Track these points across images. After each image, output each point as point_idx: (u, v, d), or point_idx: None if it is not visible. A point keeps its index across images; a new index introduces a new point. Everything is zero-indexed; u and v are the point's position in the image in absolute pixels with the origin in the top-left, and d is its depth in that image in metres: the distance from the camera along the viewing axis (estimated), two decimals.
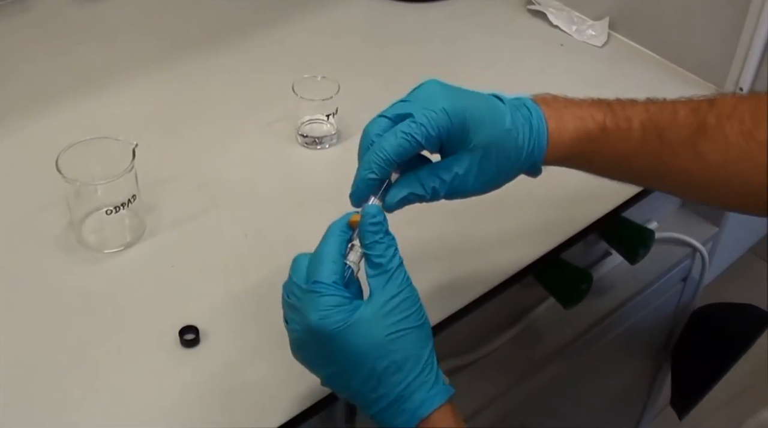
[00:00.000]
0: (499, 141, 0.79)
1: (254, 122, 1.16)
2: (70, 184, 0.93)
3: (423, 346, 0.73)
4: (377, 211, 0.75)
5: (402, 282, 0.74)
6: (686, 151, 0.83)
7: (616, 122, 0.84)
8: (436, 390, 0.73)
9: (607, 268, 1.28)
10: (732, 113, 0.83)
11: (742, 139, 0.82)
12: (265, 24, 1.35)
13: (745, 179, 0.83)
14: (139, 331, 0.90)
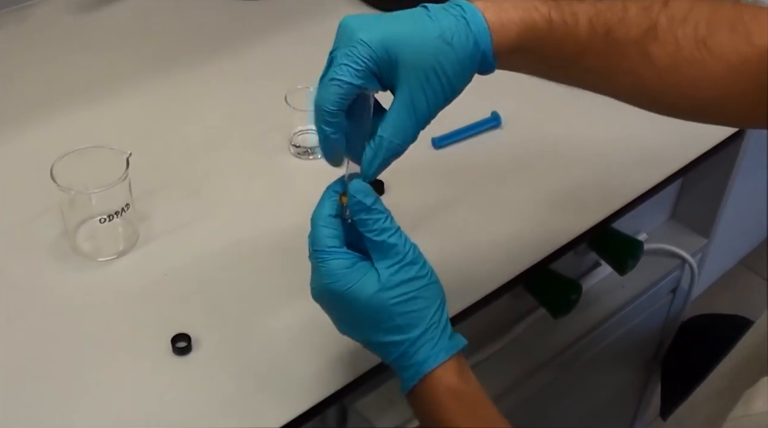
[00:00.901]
0: (435, 51, 0.73)
1: (247, 132, 1.16)
2: (64, 193, 0.94)
3: (428, 305, 0.75)
4: (359, 188, 0.74)
5: (400, 251, 0.74)
6: (635, 51, 0.78)
7: (563, 17, 0.77)
8: (441, 347, 0.75)
9: (596, 279, 1.29)
10: (687, 16, 0.78)
11: (695, 45, 0.77)
12: (257, 34, 1.36)
13: (695, 87, 0.79)
14: (131, 339, 0.90)
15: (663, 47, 0.77)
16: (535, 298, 1.13)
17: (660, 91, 0.80)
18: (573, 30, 0.77)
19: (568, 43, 0.77)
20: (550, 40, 0.77)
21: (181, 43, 1.34)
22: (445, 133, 1.16)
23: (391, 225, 0.75)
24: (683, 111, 0.84)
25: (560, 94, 1.25)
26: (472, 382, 0.77)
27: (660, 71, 0.78)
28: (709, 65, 0.78)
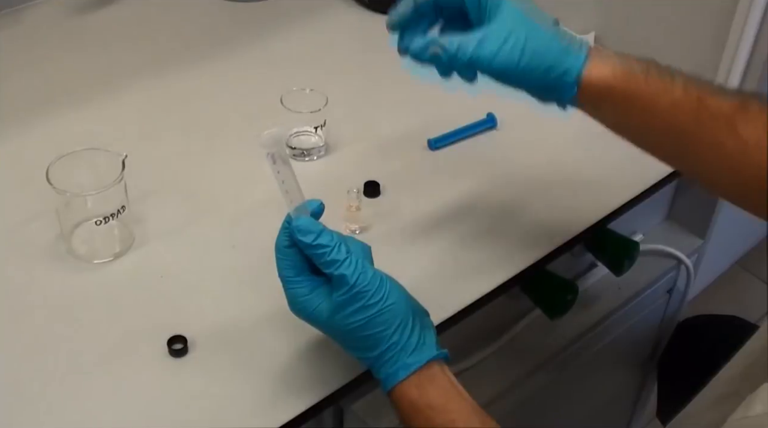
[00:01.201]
0: (533, 26, 0.81)
1: (242, 134, 1.16)
2: (60, 195, 0.94)
3: (384, 329, 0.79)
4: (299, 227, 0.80)
5: (348, 281, 0.78)
6: (723, 123, 0.79)
7: (659, 73, 0.81)
8: (399, 366, 0.79)
9: (592, 280, 1.29)
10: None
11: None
12: (253, 36, 1.36)
13: None
14: (127, 341, 0.90)
15: (753, 125, 0.79)
16: (532, 299, 1.13)
17: (742, 166, 0.80)
18: (668, 86, 0.80)
19: (662, 96, 0.80)
20: (645, 87, 0.81)
21: (177, 45, 1.34)
22: (441, 135, 1.16)
23: (338, 257, 0.79)
24: (756, 202, 0.82)
25: None
26: (431, 394, 0.80)
27: (746, 146, 0.79)
28: None
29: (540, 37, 0.81)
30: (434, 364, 0.81)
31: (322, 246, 0.79)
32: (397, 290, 0.81)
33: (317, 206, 0.83)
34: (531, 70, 0.81)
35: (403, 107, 1.22)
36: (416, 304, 0.84)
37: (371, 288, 0.79)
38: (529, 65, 0.81)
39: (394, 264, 0.94)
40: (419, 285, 0.95)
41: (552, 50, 0.81)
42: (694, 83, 0.81)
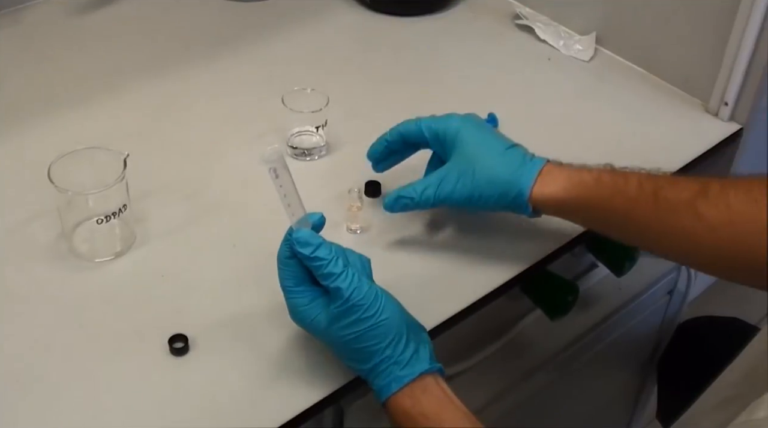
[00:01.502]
0: (482, 161, 0.93)
1: (244, 133, 1.16)
2: (61, 194, 0.94)
3: (377, 343, 0.81)
4: (299, 239, 0.82)
5: (343, 295, 0.80)
6: (685, 210, 0.85)
7: (613, 177, 0.90)
8: (392, 378, 0.81)
9: (593, 280, 1.28)
10: (738, 183, 0.84)
11: (748, 204, 0.83)
12: (254, 36, 1.36)
13: (751, 243, 0.82)
14: (128, 340, 0.90)
15: (715, 207, 0.84)
16: (532, 300, 1.13)
17: (714, 246, 0.85)
18: (622, 187, 0.89)
19: (616, 197, 0.89)
20: (597, 192, 0.90)
21: (178, 44, 1.34)
22: None
23: (335, 270, 0.81)
24: (739, 268, 0.86)
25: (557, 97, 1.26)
26: (424, 403, 0.82)
27: (713, 228, 0.84)
28: (763, 218, 0.82)
29: (490, 168, 0.93)
30: (428, 376, 0.82)
31: (320, 258, 0.81)
32: (392, 305, 0.82)
33: (318, 219, 0.86)
34: (487, 198, 0.93)
35: (404, 107, 1.21)
36: (411, 319, 0.85)
37: (366, 303, 0.81)
38: (484, 195, 0.93)
39: (395, 265, 0.94)
40: (420, 285, 0.96)
41: (502, 178, 0.92)
42: (649, 179, 0.89)
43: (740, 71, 1.18)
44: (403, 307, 0.84)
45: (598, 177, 0.90)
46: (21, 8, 1.39)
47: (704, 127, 1.22)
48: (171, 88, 1.24)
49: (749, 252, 0.83)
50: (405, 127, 0.99)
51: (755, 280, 0.86)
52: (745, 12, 1.14)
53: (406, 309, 0.85)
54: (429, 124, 0.98)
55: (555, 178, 0.92)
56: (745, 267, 0.85)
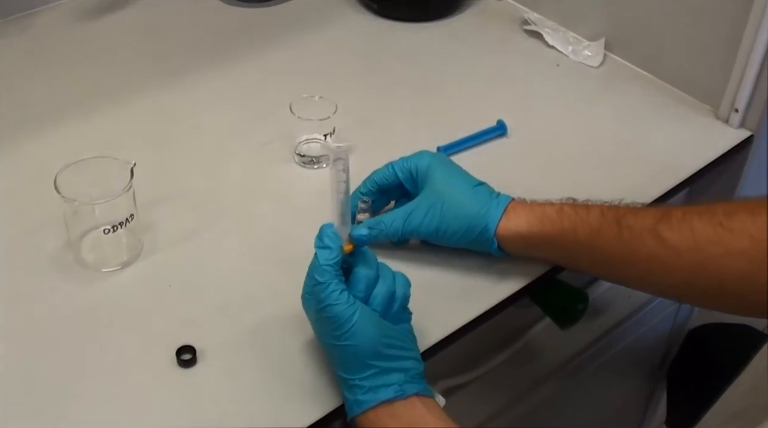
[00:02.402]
0: (450, 196, 0.95)
1: (252, 142, 1.16)
2: (68, 203, 0.93)
3: (342, 362, 0.83)
4: (314, 266, 0.83)
5: (323, 298, 0.81)
6: (648, 235, 0.86)
7: (575, 209, 0.92)
8: (351, 402, 0.82)
9: (602, 288, 1.28)
10: (703, 210, 0.86)
11: (711, 227, 0.84)
12: (262, 43, 1.36)
13: (718, 266, 0.83)
14: (135, 351, 0.89)
15: (678, 232, 0.85)
16: (542, 308, 1.12)
17: (680, 271, 0.86)
18: (584, 218, 0.91)
19: (579, 228, 0.90)
20: (560, 225, 0.91)
21: (185, 51, 1.33)
22: (451, 142, 1.15)
23: (326, 278, 0.81)
24: (709, 293, 0.87)
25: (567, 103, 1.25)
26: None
27: (678, 251, 0.85)
28: (727, 241, 0.83)
29: (457, 203, 0.95)
30: (398, 401, 0.81)
31: (326, 262, 0.82)
32: (364, 334, 0.81)
33: (364, 235, 0.85)
34: (453, 232, 0.95)
35: (412, 114, 1.22)
36: (387, 350, 0.82)
37: (336, 322, 0.81)
38: (450, 228, 0.95)
39: (403, 273, 0.93)
40: (428, 295, 0.95)
41: (469, 213, 0.94)
42: (611, 209, 0.91)
43: (751, 78, 1.18)
44: (382, 336, 0.82)
45: (560, 209, 0.92)
46: (28, 14, 1.39)
47: (714, 134, 1.22)
48: (178, 96, 1.24)
49: (716, 276, 0.84)
50: (378, 174, 1.00)
51: (726, 305, 0.88)
52: (756, 18, 1.13)
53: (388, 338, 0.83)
54: (400, 164, 0.99)
55: (518, 213, 0.94)
56: (713, 292, 0.86)
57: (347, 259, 0.85)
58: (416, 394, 0.82)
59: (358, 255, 0.85)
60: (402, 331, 0.85)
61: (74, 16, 1.40)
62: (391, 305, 0.85)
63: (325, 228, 0.84)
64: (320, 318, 0.82)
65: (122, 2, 1.43)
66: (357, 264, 0.85)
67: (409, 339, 0.86)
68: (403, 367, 0.83)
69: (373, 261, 0.86)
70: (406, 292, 0.86)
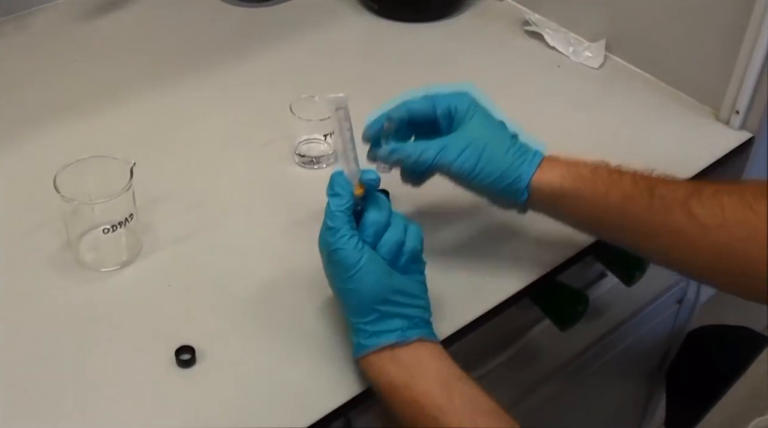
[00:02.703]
0: (490, 141, 0.91)
1: (251, 142, 1.16)
2: (67, 203, 0.93)
3: (347, 304, 0.85)
4: (336, 205, 0.84)
5: (331, 240, 0.83)
6: (679, 209, 0.85)
7: (608, 169, 0.90)
8: (355, 344, 0.84)
9: (602, 290, 1.28)
10: (732, 187, 0.85)
11: (740, 208, 0.83)
12: (261, 43, 1.35)
13: (744, 248, 0.83)
14: (134, 351, 0.89)
15: (708, 208, 0.84)
16: (542, 310, 1.12)
17: (707, 249, 0.85)
18: (617, 181, 0.89)
19: (611, 191, 0.88)
20: (593, 186, 0.89)
21: (185, 51, 1.33)
22: None
23: (338, 226, 0.83)
24: (735, 273, 0.86)
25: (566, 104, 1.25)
26: (392, 374, 0.83)
27: (706, 228, 0.84)
28: (755, 223, 0.82)
29: (496, 147, 0.91)
30: (399, 346, 0.83)
31: (337, 205, 0.84)
32: (368, 279, 0.83)
33: (373, 178, 0.87)
34: (486, 175, 0.91)
35: None
36: (391, 296, 0.84)
37: (342, 266, 0.83)
38: (484, 171, 0.91)
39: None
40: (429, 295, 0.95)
41: (506, 160, 0.91)
42: (645, 176, 0.90)
43: (752, 79, 1.17)
44: (386, 283, 0.84)
45: (595, 170, 0.90)
46: (27, 13, 1.39)
47: (715, 136, 1.21)
48: (178, 95, 1.24)
49: (740, 257, 0.84)
50: (413, 104, 0.96)
51: (751, 291, 0.86)
52: (757, 20, 1.13)
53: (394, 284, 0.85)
54: (441, 100, 0.95)
55: (553, 168, 0.91)
56: (739, 273, 0.85)
57: (360, 203, 0.86)
58: (420, 339, 0.84)
59: (371, 199, 0.87)
60: (410, 281, 0.86)
61: (73, 15, 1.40)
62: (400, 256, 0.86)
63: (335, 176, 0.86)
64: (330, 261, 0.84)
65: (121, 2, 1.43)
66: (368, 209, 0.86)
67: (418, 289, 0.87)
68: (408, 314, 0.84)
69: (386, 208, 0.87)
70: (416, 245, 0.87)
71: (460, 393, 0.81)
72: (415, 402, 0.81)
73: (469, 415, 0.80)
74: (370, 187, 0.86)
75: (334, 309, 0.93)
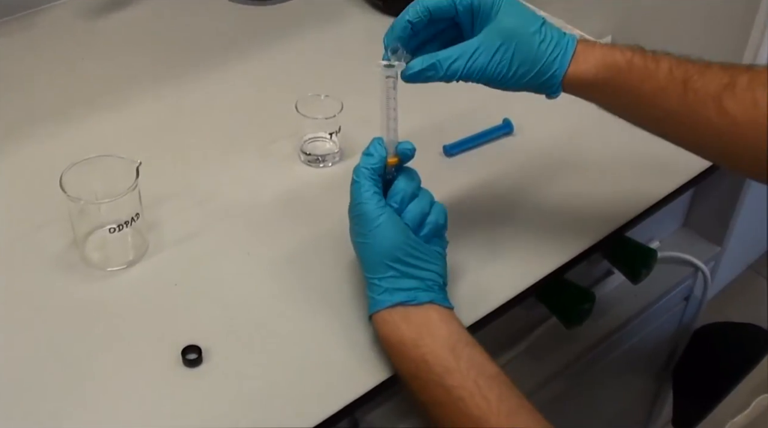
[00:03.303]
0: (522, 36, 0.87)
1: (257, 140, 1.16)
2: (73, 202, 0.93)
3: (364, 259, 0.88)
4: (376, 149, 0.89)
5: (355, 196, 0.87)
6: (711, 102, 0.84)
7: (644, 61, 0.87)
8: (370, 299, 0.87)
9: (609, 287, 1.28)
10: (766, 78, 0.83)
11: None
12: (267, 41, 1.35)
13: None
14: (141, 350, 0.89)
15: (740, 102, 0.83)
16: (548, 308, 1.12)
17: (733, 142, 0.85)
18: (653, 73, 0.87)
19: (646, 83, 0.87)
20: (627, 77, 0.87)
21: (191, 49, 1.33)
22: (456, 141, 1.15)
23: (363, 181, 0.87)
24: (747, 168, 0.87)
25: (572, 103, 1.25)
26: (403, 330, 0.85)
27: (736, 122, 0.83)
28: None
29: (528, 45, 0.87)
30: (411, 306, 0.86)
31: (367, 169, 0.88)
32: (386, 235, 0.86)
33: (409, 148, 0.91)
34: (521, 76, 0.88)
35: (417, 113, 1.21)
36: (407, 257, 0.87)
37: (362, 220, 0.87)
38: (518, 72, 0.88)
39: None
40: None
41: (539, 57, 0.87)
42: (680, 66, 0.87)
43: None
44: (405, 241, 0.87)
45: (630, 60, 0.87)
46: (33, 12, 1.39)
47: None
48: (183, 93, 1.24)
49: None
50: (433, 2, 0.88)
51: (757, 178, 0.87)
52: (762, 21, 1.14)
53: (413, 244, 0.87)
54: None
55: (588, 58, 0.88)
56: (753, 167, 0.85)
57: (392, 172, 0.90)
58: (431, 302, 0.87)
59: (403, 171, 0.91)
60: (428, 247, 0.89)
61: (78, 13, 1.40)
62: (422, 226, 0.89)
63: (374, 140, 0.90)
64: (352, 216, 0.88)
65: (124, 2, 1.43)
66: (399, 178, 0.90)
67: (435, 256, 0.89)
68: (422, 276, 0.87)
69: (416, 180, 0.91)
70: (440, 219, 0.90)
71: (468, 357, 0.83)
72: (423, 361, 0.83)
73: (473, 377, 0.82)
74: (405, 156, 0.90)
75: (340, 308, 0.94)
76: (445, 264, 0.91)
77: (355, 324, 0.92)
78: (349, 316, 0.93)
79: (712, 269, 1.40)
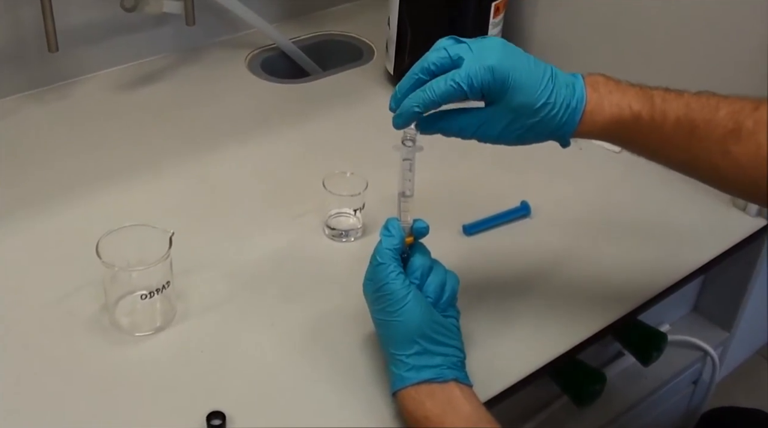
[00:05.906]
0: (532, 109, 0.88)
1: (284, 213, 1.19)
2: (107, 268, 0.96)
3: (390, 337, 0.91)
4: (387, 243, 0.92)
5: (380, 276, 0.90)
6: (716, 148, 0.87)
7: (652, 114, 0.89)
8: (396, 377, 0.90)
9: (619, 368, 1.29)
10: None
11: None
12: (296, 118, 1.39)
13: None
14: (166, 415, 0.91)
15: (744, 147, 0.86)
16: (560, 386, 1.14)
17: (739, 181, 0.89)
18: (659, 126, 0.89)
19: (652, 136, 0.90)
20: (634, 133, 0.90)
21: (222, 124, 1.37)
22: (476, 220, 1.18)
23: (386, 259, 0.91)
24: (761, 201, 0.90)
25: (588, 185, 1.28)
26: (428, 406, 0.88)
27: (740, 166, 0.87)
28: None
29: (538, 117, 0.89)
30: (436, 383, 0.89)
31: (387, 249, 0.91)
32: (414, 313, 0.89)
33: (423, 227, 0.95)
34: (530, 141, 0.92)
35: (438, 192, 1.24)
36: (433, 333, 0.90)
37: (390, 300, 0.89)
38: (527, 140, 0.92)
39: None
40: None
41: (549, 125, 0.89)
42: (688, 115, 0.88)
43: None
44: (431, 319, 0.90)
45: (637, 118, 0.89)
46: (69, 83, 1.44)
47: (731, 222, 1.24)
48: (214, 166, 1.28)
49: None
50: (445, 89, 0.88)
51: None
52: None
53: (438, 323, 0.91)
54: (472, 81, 0.87)
55: (595, 118, 0.90)
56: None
57: (406, 251, 0.94)
58: (455, 380, 0.89)
59: (416, 247, 0.95)
60: (448, 323, 0.92)
61: (113, 86, 1.44)
62: (442, 294, 0.93)
63: (390, 221, 0.93)
64: (377, 297, 0.90)
65: (159, 74, 1.48)
66: (414, 255, 0.94)
67: (454, 332, 0.93)
68: (446, 353, 0.91)
69: (428, 253, 0.95)
70: (455, 286, 0.95)
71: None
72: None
73: None
74: (419, 235, 0.95)
75: (364, 378, 0.96)
76: (461, 336, 0.94)
77: (379, 397, 0.94)
78: (374, 390, 0.95)
79: (720, 354, 1.42)
